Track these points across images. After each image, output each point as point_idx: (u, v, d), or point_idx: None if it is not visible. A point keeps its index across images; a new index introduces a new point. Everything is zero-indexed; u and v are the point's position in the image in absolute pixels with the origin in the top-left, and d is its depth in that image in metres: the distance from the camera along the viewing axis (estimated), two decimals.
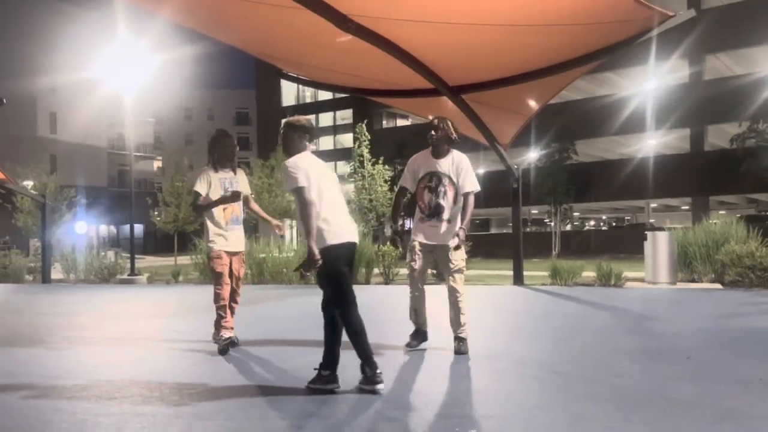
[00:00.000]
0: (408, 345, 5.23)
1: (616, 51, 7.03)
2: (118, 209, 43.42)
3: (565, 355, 5.19)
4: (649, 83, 29.98)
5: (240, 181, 5.58)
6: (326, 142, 51.60)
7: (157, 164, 53.28)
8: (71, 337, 6.62)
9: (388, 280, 13.00)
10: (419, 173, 5.17)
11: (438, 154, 5.14)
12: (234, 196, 5.34)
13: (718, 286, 11.00)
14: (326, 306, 4.05)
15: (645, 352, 5.25)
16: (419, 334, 5.29)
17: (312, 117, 51.10)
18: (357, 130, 24.81)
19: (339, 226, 4.06)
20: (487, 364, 4.84)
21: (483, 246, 23.94)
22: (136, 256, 17.14)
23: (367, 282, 13.14)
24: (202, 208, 5.38)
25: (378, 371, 3.88)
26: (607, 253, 24.45)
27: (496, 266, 17.63)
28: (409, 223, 5.40)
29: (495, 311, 8.69)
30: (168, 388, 4.17)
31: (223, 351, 5.24)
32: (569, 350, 5.40)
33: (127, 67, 17.91)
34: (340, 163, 46.84)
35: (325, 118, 52.26)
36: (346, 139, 46.91)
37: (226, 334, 5.33)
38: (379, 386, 3.86)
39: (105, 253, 17.85)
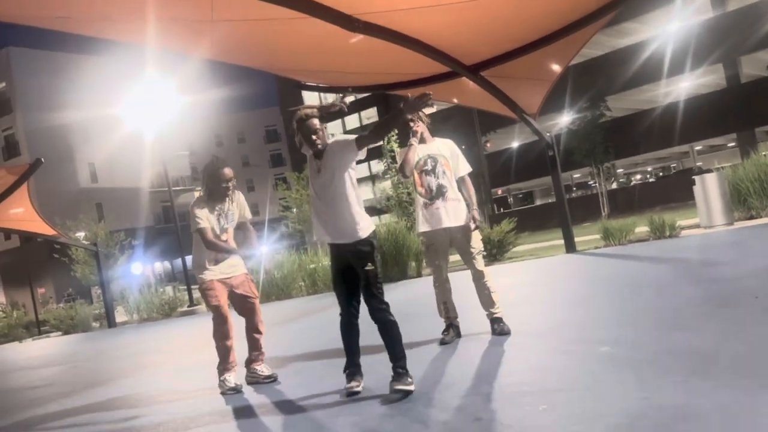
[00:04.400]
0: (443, 342, 5.05)
1: None
2: (168, 245, 44.38)
3: (626, 317, 5.09)
4: (672, 25, 29.14)
5: (235, 211, 5.01)
6: None
7: (197, 194, 54.27)
8: (142, 375, 6.81)
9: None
10: (413, 160, 5.06)
11: (424, 140, 5.11)
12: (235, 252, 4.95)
13: None
14: (377, 307, 3.84)
15: (710, 299, 5.11)
16: (453, 329, 5.12)
17: (338, 122, 51.44)
18: None
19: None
20: (548, 338, 4.78)
21: (529, 219, 23.70)
22: (193, 286, 17.51)
23: (419, 275, 13.13)
24: (219, 247, 4.84)
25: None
26: (658, 204, 23.91)
27: (546, 237, 17.42)
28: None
29: (550, 283, 8.59)
30: (241, 411, 4.26)
31: (233, 390, 4.76)
32: (631, 312, 5.29)
33: (154, 106, 18.31)
34: (373, 162, 46.86)
35: (351, 121, 52.43)
36: None
37: (229, 379, 4.80)
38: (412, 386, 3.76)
39: (163, 289, 18.32)
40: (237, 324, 4.99)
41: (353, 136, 3.91)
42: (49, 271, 40.48)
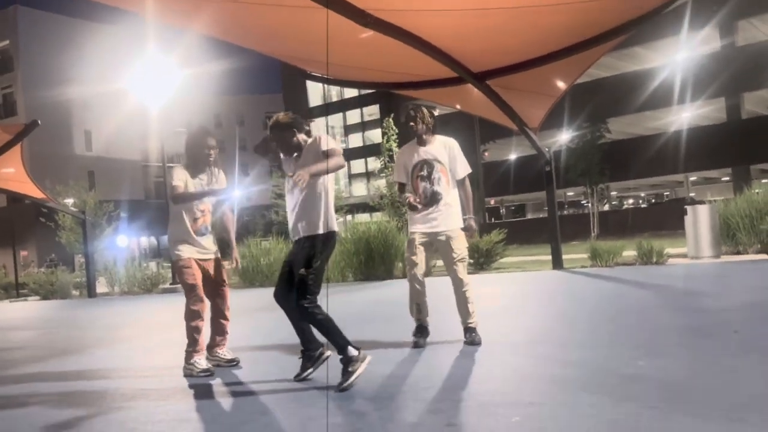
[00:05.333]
0: (415, 344, 5.06)
1: (643, 23, 6.86)
2: (157, 220, 44.15)
3: (606, 337, 5.11)
4: (680, 54, 29.28)
5: (214, 186, 4.92)
6: (355, 140, 51.72)
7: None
8: (118, 348, 6.78)
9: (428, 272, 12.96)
10: (410, 165, 5.11)
11: (423, 142, 5.10)
12: (215, 193, 4.88)
13: (765, 256, 10.72)
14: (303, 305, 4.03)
15: (690, 328, 5.14)
16: (423, 330, 5.15)
17: (339, 115, 51.43)
18: (384, 124, 24.77)
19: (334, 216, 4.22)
20: (527, 350, 4.80)
21: (519, 232, 23.71)
22: None
23: (404, 275, 13.12)
24: (185, 196, 4.71)
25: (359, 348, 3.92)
26: (648, 230, 23.98)
27: (534, 252, 17.47)
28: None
29: (534, 297, 8.62)
30: (213, 392, 4.25)
31: (205, 372, 4.67)
32: (611, 332, 5.32)
33: (156, 80, 18.20)
34: (370, 159, 46.85)
35: (353, 116, 52.36)
36: (375, 135, 46.92)
37: (200, 362, 4.72)
38: (369, 357, 3.90)
39: (147, 265, 18.22)
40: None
41: (324, 148, 4.01)
42: (33, 235, 40.25)
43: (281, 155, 4.29)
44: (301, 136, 4.17)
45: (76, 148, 48.44)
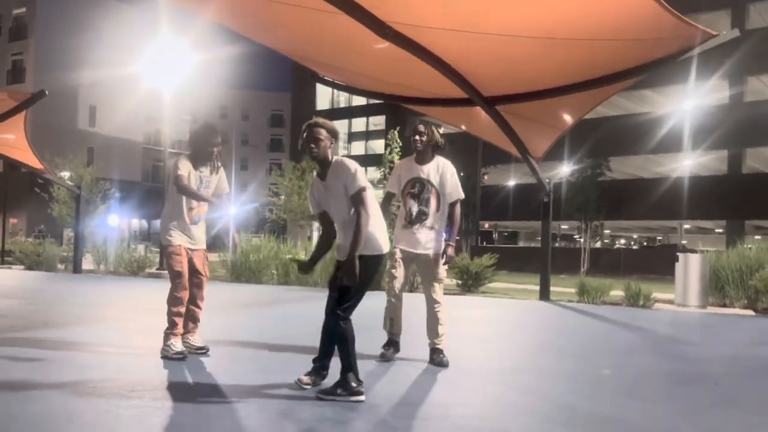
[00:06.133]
0: (382, 356, 5.05)
1: (655, 68, 6.93)
2: (150, 204, 43.94)
3: (589, 373, 5.11)
4: (688, 102, 29.51)
5: (214, 181, 5.11)
6: (358, 148, 51.80)
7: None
8: (98, 327, 6.73)
9: (412, 287, 12.95)
10: (403, 179, 5.13)
11: (422, 159, 5.09)
12: (210, 201, 5.06)
13: (751, 312, 10.75)
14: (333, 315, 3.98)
15: (670, 375, 5.14)
16: (393, 345, 5.14)
17: (345, 122, 51.53)
18: (389, 136, 24.77)
19: (386, 235, 4.09)
20: (509, 377, 4.79)
21: (509, 259, 23.73)
22: None
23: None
24: (192, 192, 4.92)
25: (361, 382, 3.86)
26: (637, 272, 24.05)
27: (522, 280, 17.48)
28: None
29: (520, 325, 8.62)
30: (188, 383, 4.22)
31: (179, 355, 4.82)
32: (594, 369, 5.31)
33: (166, 64, 18.20)
34: (371, 169, 46.89)
35: (358, 124, 52.47)
36: (378, 145, 46.97)
37: (176, 344, 4.88)
38: (362, 397, 3.81)
39: (135, 247, 18.14)
40: None
41: (353, 191, 3.85)
42: (26, 203, 39.95)
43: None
44: (330, 150, 4.06)
45: (80, 123, 48.31)
